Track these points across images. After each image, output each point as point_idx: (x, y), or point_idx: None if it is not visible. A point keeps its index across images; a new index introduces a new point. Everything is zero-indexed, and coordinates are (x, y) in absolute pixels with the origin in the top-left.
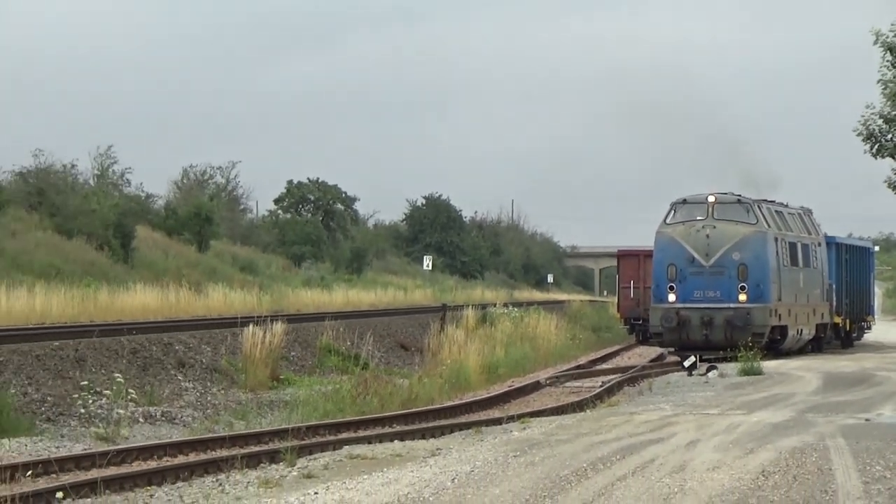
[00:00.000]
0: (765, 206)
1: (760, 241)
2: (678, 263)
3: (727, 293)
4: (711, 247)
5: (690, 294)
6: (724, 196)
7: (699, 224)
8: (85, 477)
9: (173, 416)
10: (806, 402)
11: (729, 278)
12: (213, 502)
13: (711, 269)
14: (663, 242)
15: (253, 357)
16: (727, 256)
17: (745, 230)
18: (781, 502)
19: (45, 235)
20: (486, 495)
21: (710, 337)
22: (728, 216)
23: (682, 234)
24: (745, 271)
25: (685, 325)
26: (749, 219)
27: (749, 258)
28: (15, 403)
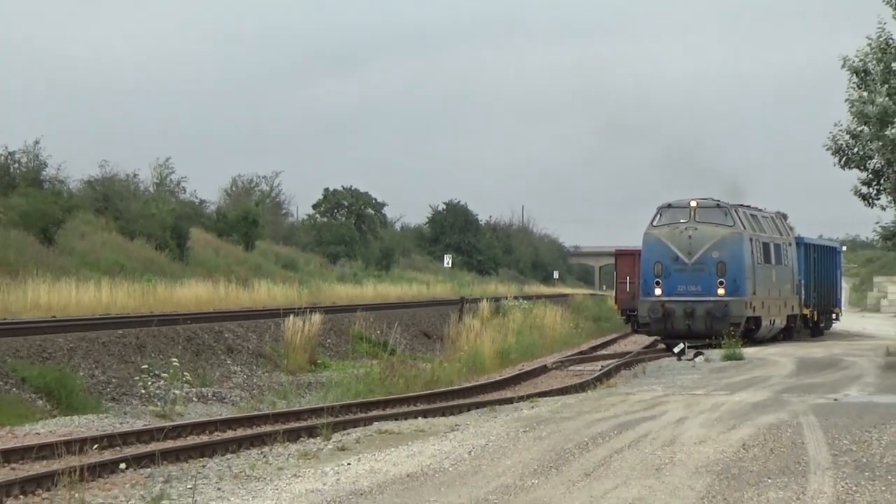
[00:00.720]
0: (741, 210)
1: (737, 242)
2: (664, 261)
3: (707, 288)
4: (693, 246)
5: (674, 288)
6: (705, 201)
7: (682, 226)
8: (145, 449)
9: (223, 396)
10: (781, 384)
11: (709, 274)
12: (258, 472)
13: (693, 267)
14: (650, 242)
15: (293, 344)
16: (707, 255)
17: (723, 231)
18: (760, 472)
19: (111, 236)
20: (500, 466)
21: (693, 327)
22: (708, 219)
23: (667, 235)
24: (723, 268)
25: (670, 316)
26: (727, 221)
27: (727, 256)
28: (84, 385)
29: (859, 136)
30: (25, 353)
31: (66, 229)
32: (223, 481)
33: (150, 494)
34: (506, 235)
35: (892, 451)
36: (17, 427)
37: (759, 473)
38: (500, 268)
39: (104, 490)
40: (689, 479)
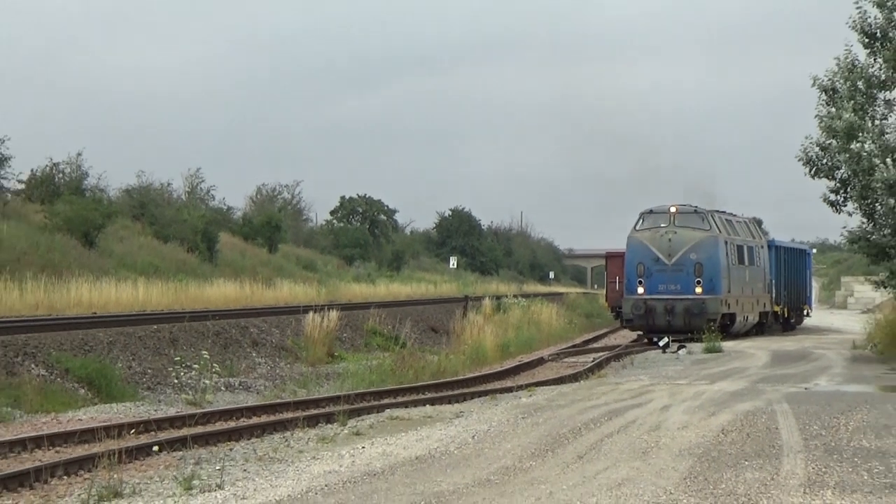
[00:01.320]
0: (717, 216)
1: (713, 244)
2: (646, 262)
3: (686, 286)
4: (673, 249)
5: (656, 287)
6: (684, 207)
7: (663, 230)
8: (177, 434)
9: (248, 386)
10: (757, 375)
11: (687, 274)
12: (281, 455)
13: (673, 267)
14: (633, 245)
15: (313, 338)
16: (686, 256)
17: (700, 235)
18: (738, 455)
19: (146, 240)
20: (500, 449)
21: (672, 322)
22: (687, 223)
23: (649, 238)
24: (700, 269)
25: (651, 313)
26: (704, 226)
27: (704, 258)
28: (122, 375)
29: (828, 149)
30: (69, 347)
31: (105, 234)
32: (249, 463)
33: (182, 475)
34: (506, 239)
35: (858, 436)
36: (61, 413)
37: (736, 456)
38: (501, 269)
39: (140, 471)
40: (673, 462)
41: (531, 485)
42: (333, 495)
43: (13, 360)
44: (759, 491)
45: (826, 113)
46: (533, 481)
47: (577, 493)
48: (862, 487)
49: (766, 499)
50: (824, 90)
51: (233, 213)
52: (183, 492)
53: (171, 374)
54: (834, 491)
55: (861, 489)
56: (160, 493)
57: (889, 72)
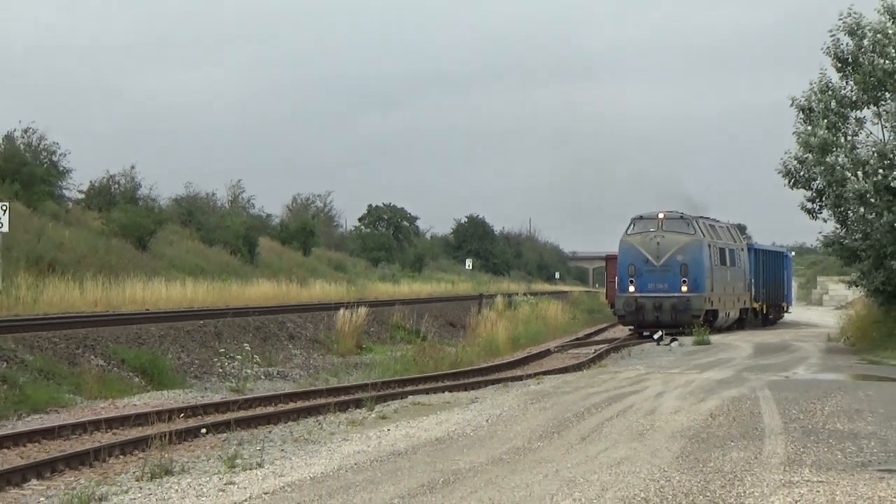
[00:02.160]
0: (701, 221)
1: (698, 247)
2: (636, 263)
3: (673, 285)
4: (661, 251)
5: (645, 286)
6: (671, 213)
7: (652, 234)
8: (222, 418)
9: (285, 374)
10: (742, 364)
11: (674, 274)
12: (314, 437)
13: (661, 268)
14: (625, 248)
15: (343, 331)
16: (673, 258)
17: (686, 239)
18: (724, 436)
19: (193, 244)
20: (512, 431)
21: (660, 318)
22: (673, 228)
23: (639, 241)
24: (686, 269)
25: (641, 309)
26: (689, 230)
27: (689, 260)
28: (172, 365)
29: (805, 162)
30: (125, 339)
31: (157, 238)
32: (286, 444)
33: (226, 455)
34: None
35: (833, 419)
36: (118, 399)
37: (723, 437)
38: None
39: (188, 451)
40: (667, 442)
41: (539, 463)
42: (362, 472)
43: (75, 352)
44: (743, 469)
45: (803, 130)
46: (541, 460)
47: (581, 471)
48: (836, 465)
49: (749, 476)
50: (801, 109)
51: (271, 220)
52: (227, 470)
53: (216, 364)
54: (811, 469)
55: (835, 467)
56: (206, 471)
57: (859, 93)
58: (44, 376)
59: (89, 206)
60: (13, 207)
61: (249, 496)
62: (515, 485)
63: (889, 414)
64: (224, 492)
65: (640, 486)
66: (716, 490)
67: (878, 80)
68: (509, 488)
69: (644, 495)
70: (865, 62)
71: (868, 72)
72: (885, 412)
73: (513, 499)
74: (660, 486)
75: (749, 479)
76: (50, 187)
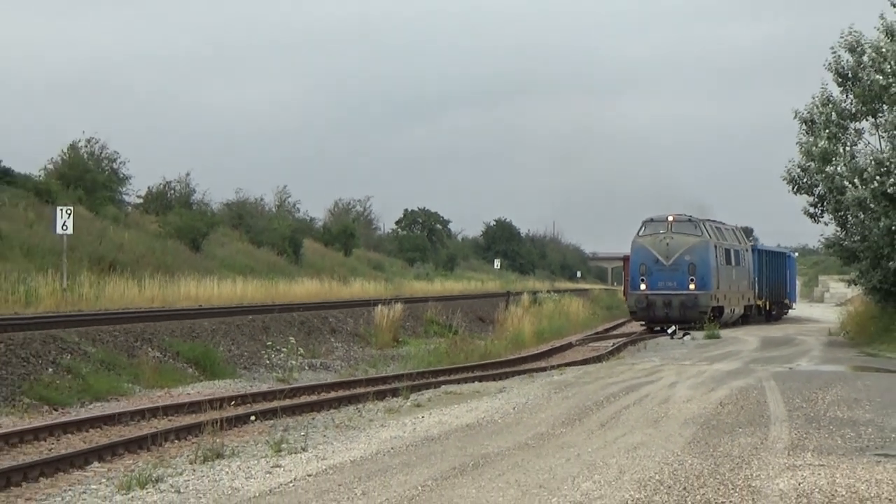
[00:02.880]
0: (708, 223)
1: (705, 248)
2: (647, 263)
3: (681, 284)
4: (670, 251)
5: (656, 284)
6: (680, 216)
7: (662, 235)
8: (269, 406)
9: (328, 365)
10: (749, 357)
11: (682, 273)
12: (354, 423)
13: (670, 267)
14: (637, 248)
15: (381, 326)
16: (681, 258)
17: (694, 240)
18: (733, 423)
19: (243, 245)
20: (536, 418)
21: (670, 314)
22: (682, 230)
23: (650, 242)
24: (693, 268)
25: (652, 306)
26: (697, 232)
27: (697, 259)
28: (223, 357)
29: (807, 170)
30: (179, 333)
31: (209, 240)
32: (328, 430)
33: (273, 440)
34: (541, 244)
35: (833, 408)
36: (173, 388)
37: (732, 424)
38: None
39: (238, 437)
40: (680, 429)
41: (562, 448)
42: (398, 456)
43: (133, 345)
44: (750, 453)
45: (805, 140)
46: (563, 445)
47: (600, 455)
48: (836, 450)
49: (756, 460)
50: (804, 121)
51: (314, 223)
52: (273, 454)
53: (263, 356)
54: (813, 453)
55: (836, 452)
56: (255, 455)
57: (858, 105)
58: (105, 367)
59: (147, 210)
60: (77, 211)
61: (294, 478)
62: (540, 468)
63: (885, 402)
64: (271, 474)
65: (655, 468)
66: (725, 473)
67: (875, 94)
68: (534, 471)
69: (659, 477)
70: (864, 77)
71: (866, 86)
72: (882, 401)
73: (537, 481)
74: (673, 469)
75: (756, 462)
76: (111, 193)
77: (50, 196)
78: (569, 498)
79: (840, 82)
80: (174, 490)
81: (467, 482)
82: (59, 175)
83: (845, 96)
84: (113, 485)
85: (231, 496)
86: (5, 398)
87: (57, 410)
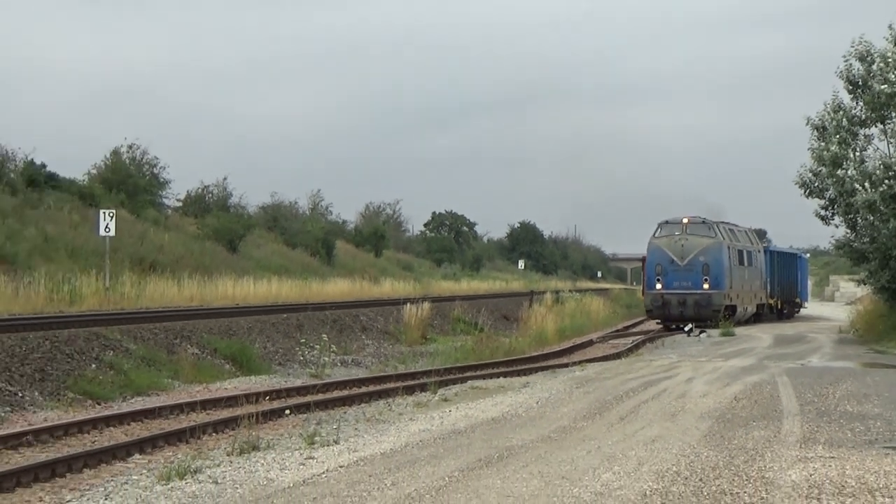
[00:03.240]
0: (721, 225)
1: (718, 249)
2: (663, 263)
3: (696, 283)
4: (685, 252)
5: (671, 284)
6: (694, 218)
7: (677, 237)
8: (302, 400)
9: (359, 362)
10: (763, 353)
11: (697, 273)
12: (384, 417)
13: (685, 267)
14: (653, 249)
15: (410, 324)
16: (696, 259)
17: (707, 241)
18: (747, 417)
19: (278, 247)
20: (559, 411)
21: (684, 313)
22: (696, 232)
23: (665, 243)
24: (707, 269)
25: (668, 305)
26: (710, 234)
27: (710, 260)
28: (258, 353)
29: (819, 175)
30: (217, 331)
31: (245, 241)
32: (359, 423)
33: (307, 433)
34: (563, 245)
35: (844, 402)
36: (211, 384)
37: (746, 418)
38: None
39: (273, 430)
40: (696, 422)
41: (583, 441)
42: (427, 448)
43: (173, 342)
44: (764, 446)
45: (817, 146)
46: (584, 438)
47: (620, 448)
48: (846, 443)
49: (769, 452)
50: (815, 128)
51: (346, 225)
52: (307, 446)
53: (297, 352)
54: (824, 446)
55: (846, 444)
56: (289, 447)
57: (868, 112)
58: (146, 363)
59: (186, 213)
60: (119, 214)
61: (327, 469)
62: (562, 459)
63: (893, 397)
64: (304, 465)
65: (672, 460)
66: (739, 465)
67: (883, 102)
68: (556, 462)
69: (676, 469)
70: (874, 85)
71: (876, 93)
72: (890, 396)
73: (560, 472)
74: (690, 461)
75: (769, 454)
76: (151, 196)
77: (93, 200)
78: (590, 488)
79: (851, 90)
80: (212, 481)
81: (492, 473)
82: (102, 179)
83: (855, 103)
84: (153, 475)
85: (266, 486)
86: (51, 393)
87: (100, 404)
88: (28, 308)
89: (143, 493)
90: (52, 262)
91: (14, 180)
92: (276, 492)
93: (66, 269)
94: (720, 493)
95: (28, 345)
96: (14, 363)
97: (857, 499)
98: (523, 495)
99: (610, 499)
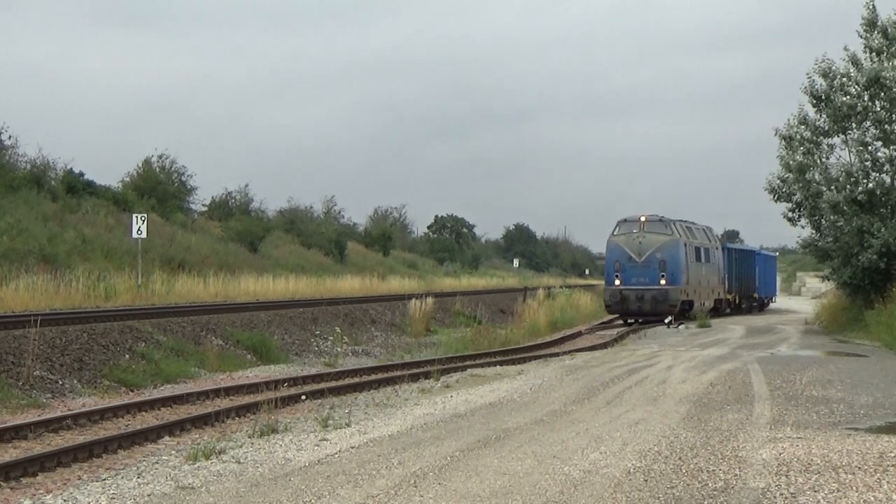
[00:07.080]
0: (678, 223)
1: (675, 246)
2: (621, 260)
3: (653, 279)
4: (643, 249)
5: (629, 280)
6: (652, 216)
7: (634, 234)
8: (317, 387)
9: (368, 352)
10: (736, 343)
11: (654, 270)
12: (392, 402)
13: (643, 264)
14: (612, 247)
15: (415, 317)
16: (653, 255)
17: (664, 238)
18: (722, 401)
19: (294, 247)
20: (551, 397)
21: (642, 308)
22: (653, 230)
23: (623, 241)
24: (664, 265)
25: (626, 300)
26: (667, 231)
27: (667, 257)
28: (277, 344)
29: (786, 181)
30: (239, 324)
31: (265, 242)
32: (368, 408)
33: (321, 416)
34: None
35: (809, 388)
36: (234, 372)
37: (721, 402)
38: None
39: (290, 414)
40: (675, 406)
41: (573, 423)
42: (430, 430)
43: (199, 334)
44: (737, 427)
45: (784, 154)
46: (574, 420)
47: (606, 429)
48: (812, 425)
49: (742, 433)
50: (783, 138)
51: (357, 228)
52: (321, 429)
53: (312, 343)
54: (792, 427)
55: (811, 426)
56: (305, 430)
57: (830, 124)
58: (174, 353)
59: (211, 217)
60: (150, 218)
61: (339, 450)
62: (553, 440)
63: (854, 383)
64: (319, 446)
65: (654, 441)
66: (715, 445)
67: (844, 114)
68: (548, 443)
69: (657, 449)
70: (835, 99)
71: (837, 107)
72: (852, 381)
73: (551, 452)
74: (670, 441)
75: (742, 435)
76: (179, 202)
77: (127, 205)
78: (579, 466)
79: (814, 103)
80: (235, 461)
81: (490, 453)
82: (135, 186)
83: (819, 116)
84: (182, 456)
85: (284, 466)
86: (89, 381)
87: (133, 391)
88: (68, 304)
89: (173, 471)
90: (89, 261)
91: (55, 187)
92: (294, 471)
93: (101, 268)
94: (697, 470)
95: (67, 337)
96: (55, 354)
97: (823, 475)
98: (518, 473)
99: (597, 476)
